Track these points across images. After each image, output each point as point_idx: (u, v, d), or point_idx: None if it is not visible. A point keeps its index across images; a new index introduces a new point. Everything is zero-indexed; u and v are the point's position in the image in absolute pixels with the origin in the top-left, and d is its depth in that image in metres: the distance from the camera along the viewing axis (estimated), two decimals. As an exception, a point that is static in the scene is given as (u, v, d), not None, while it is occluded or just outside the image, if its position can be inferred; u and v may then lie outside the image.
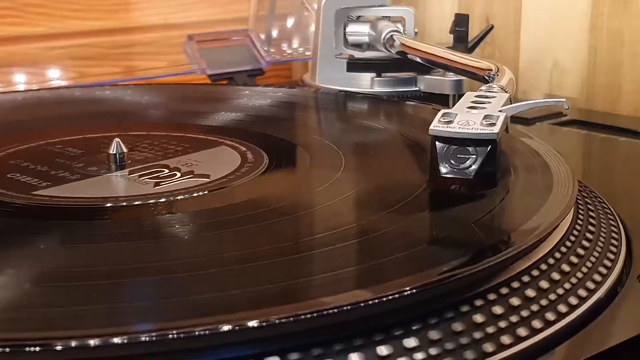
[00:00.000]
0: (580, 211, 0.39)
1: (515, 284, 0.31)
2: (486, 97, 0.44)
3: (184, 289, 0.29)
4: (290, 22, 0.82)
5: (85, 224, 0.37)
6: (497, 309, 0.30)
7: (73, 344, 0.25)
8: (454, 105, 0.43)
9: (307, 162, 0.47)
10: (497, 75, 0.50)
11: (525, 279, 0.32)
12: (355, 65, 0.67)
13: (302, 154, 0.48)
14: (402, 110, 0.59)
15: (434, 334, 0.28)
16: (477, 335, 0.28)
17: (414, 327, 0.28)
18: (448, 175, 0.39)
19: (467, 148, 0.39)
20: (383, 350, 0.27)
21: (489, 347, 0.28)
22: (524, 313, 0.30)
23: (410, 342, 0.27)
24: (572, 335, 0.31)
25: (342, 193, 0.40)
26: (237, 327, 0.25)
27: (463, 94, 0.45)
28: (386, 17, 0.67)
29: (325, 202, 0.39)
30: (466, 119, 0.40)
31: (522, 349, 0.29)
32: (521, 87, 0.79)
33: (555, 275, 0.33)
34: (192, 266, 0.31)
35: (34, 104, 0.62)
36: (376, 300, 0.27)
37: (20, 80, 0.74)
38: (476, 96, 0.44)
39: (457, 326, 0.29)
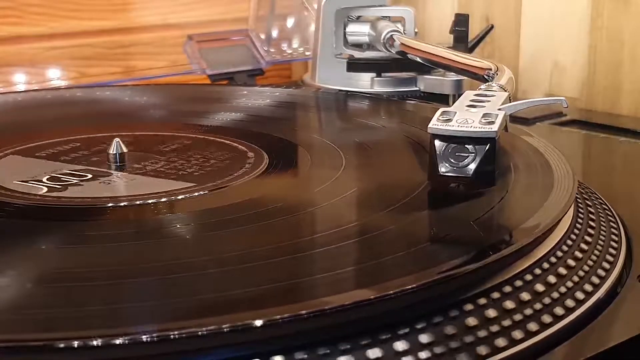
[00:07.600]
0: (580, 211, 0.39)
1: (514, 285, 0.31)
2: (485, 95, 0.44)
3: (185, 289, 0.29)
4: (290, 22, 0.82)
5: (85, 224, 0.37)
6: (494, 311, 0.30)
7: (75, 344, 0.25)
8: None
9: (308, 161, 0.47)
10: (497, 74, 0.50)
11: (526, 278, 0.32)
12: (355, 65, 0.67)
13: (303, 154, 0.48)
14: (401, 109, 0.59)
15: (435, 335, 0.28)
16: (482, 334, 0.29)
17: (411, 329, 0.28)
18: (447, 174, 0.39)
19: (466, 146, 0.39)
20: (374, 351, 0.27)
21: (483, 349, 0.28)
22: (528, 311, 0.30)
23: (408, 344, 0.27)
24: (572, 336, 0.30)
25: (342, 192, 0.40)
26: (238, 327, 0.25)
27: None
28: (386, 17, 0.67)
29: (325, 202, 0.39)
30: (465, 117, 0.40)
31: (522, 348, 0.29)
32: (521, 87, 0.79)
33: (556, 275, 0.33)
34: (193, 266, 0.31)
35: (34, 104, 0.62)
36: (378, 299, 0.27)
37: (20, 80, 0.75)
38: (475, 95, 0.44)
39: (470, 322, 0.29)
